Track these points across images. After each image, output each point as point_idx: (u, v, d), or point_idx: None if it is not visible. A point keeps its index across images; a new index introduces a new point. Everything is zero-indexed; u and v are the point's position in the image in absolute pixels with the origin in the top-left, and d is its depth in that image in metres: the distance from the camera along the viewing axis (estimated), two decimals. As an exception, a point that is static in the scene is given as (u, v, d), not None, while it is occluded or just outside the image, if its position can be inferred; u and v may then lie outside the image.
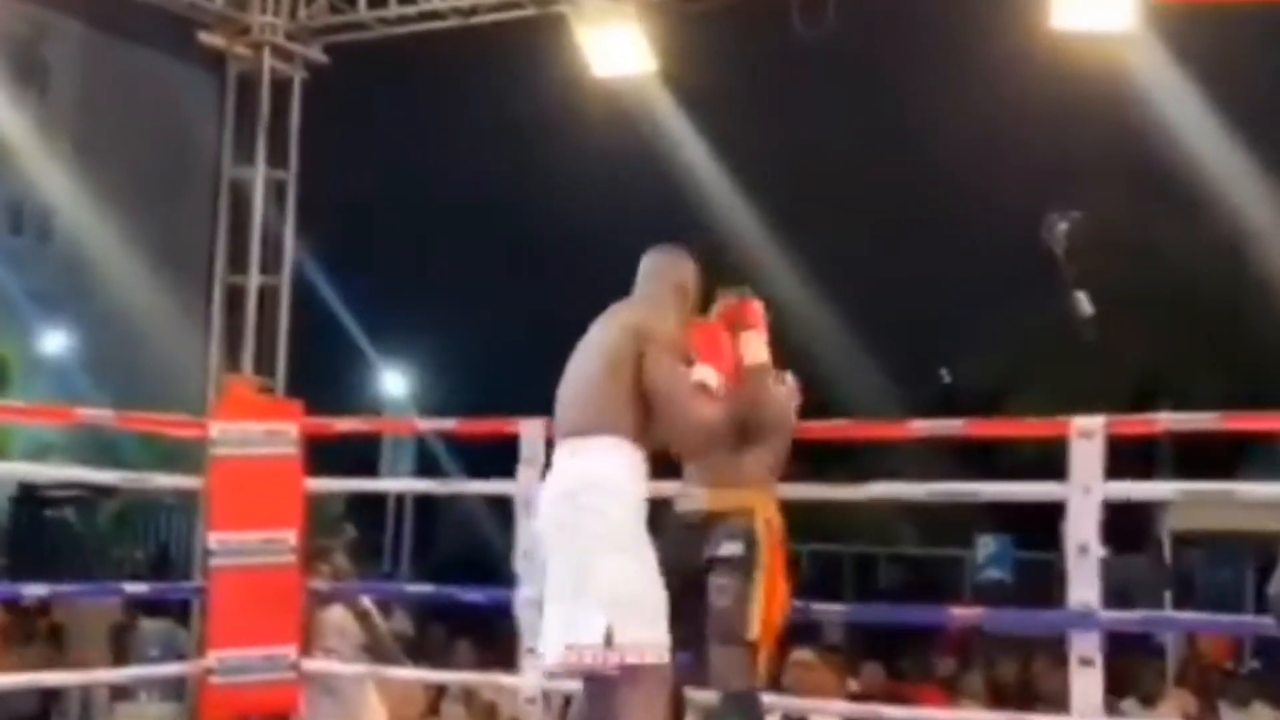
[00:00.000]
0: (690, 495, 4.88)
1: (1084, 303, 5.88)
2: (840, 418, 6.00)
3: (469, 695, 7.68)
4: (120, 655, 8.44)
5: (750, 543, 4.71)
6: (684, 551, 4.69)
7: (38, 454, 14.56)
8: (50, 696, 7.94)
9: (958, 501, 5.45)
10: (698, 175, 13.54)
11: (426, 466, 18.85)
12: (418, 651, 8.70)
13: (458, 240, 21.84)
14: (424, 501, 20.12)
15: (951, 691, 8.15)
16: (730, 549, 4.72)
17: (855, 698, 6.85)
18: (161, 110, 15.81)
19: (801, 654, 6.85)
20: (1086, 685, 4.92)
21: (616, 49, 7.98)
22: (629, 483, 4.27)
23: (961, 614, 6.21)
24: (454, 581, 7.70)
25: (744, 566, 4.70)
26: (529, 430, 5.79)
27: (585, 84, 8.24)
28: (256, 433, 6.28)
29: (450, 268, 22.69)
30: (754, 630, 4.65)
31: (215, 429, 6.30)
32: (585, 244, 21.04)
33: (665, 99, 10.08)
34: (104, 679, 7.31)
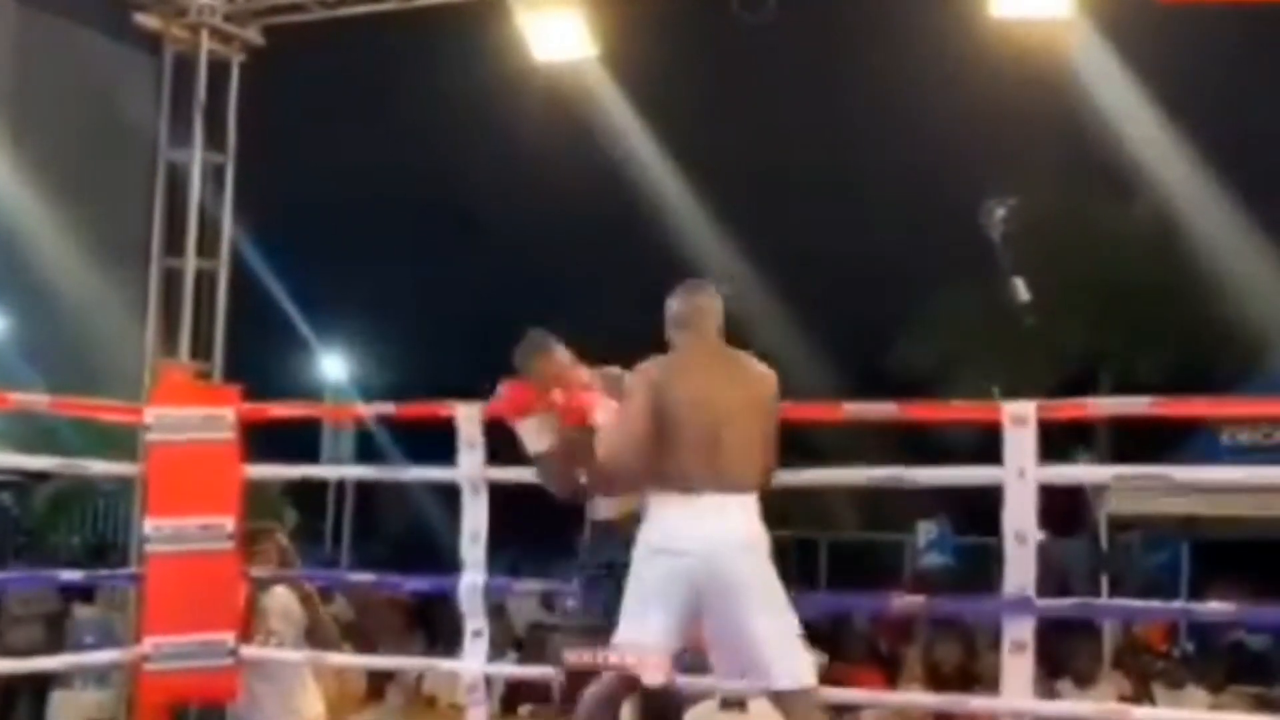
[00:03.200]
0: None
1: (1021, 288, 5.92)
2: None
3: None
4: (56, 643, 8.36)
5: None
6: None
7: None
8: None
9: (898, 487, 5.45)
10: (638, 161, 13.53)
11: (367, 450, 18.77)
12: (358, 636, 8.69)
13: (397, 224, 21.77)
14: (365, 485, 20.04)
15: (890, 673, 8.21)
16: None
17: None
18: (97, 91, 15.61)
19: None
20: (1018, 670, 4.98)
21: (557, 33, 7.98)
22: None
23: (901, 602, 6.24)
24: (396, 566, 7.71)
25: None
26: (465, 414, 5.78)
27: (525, 68, 8.23)
28: (193, 418, 6.23)
29: (390, 251, 22.61)
30: None
31: (151, 415, 6.25)
32: (525, 229, 21.04)
33: (606, 83, 10.07)
34: (39, 667, 7.23)
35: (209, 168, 8.08)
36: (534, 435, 5.07)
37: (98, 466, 7.13)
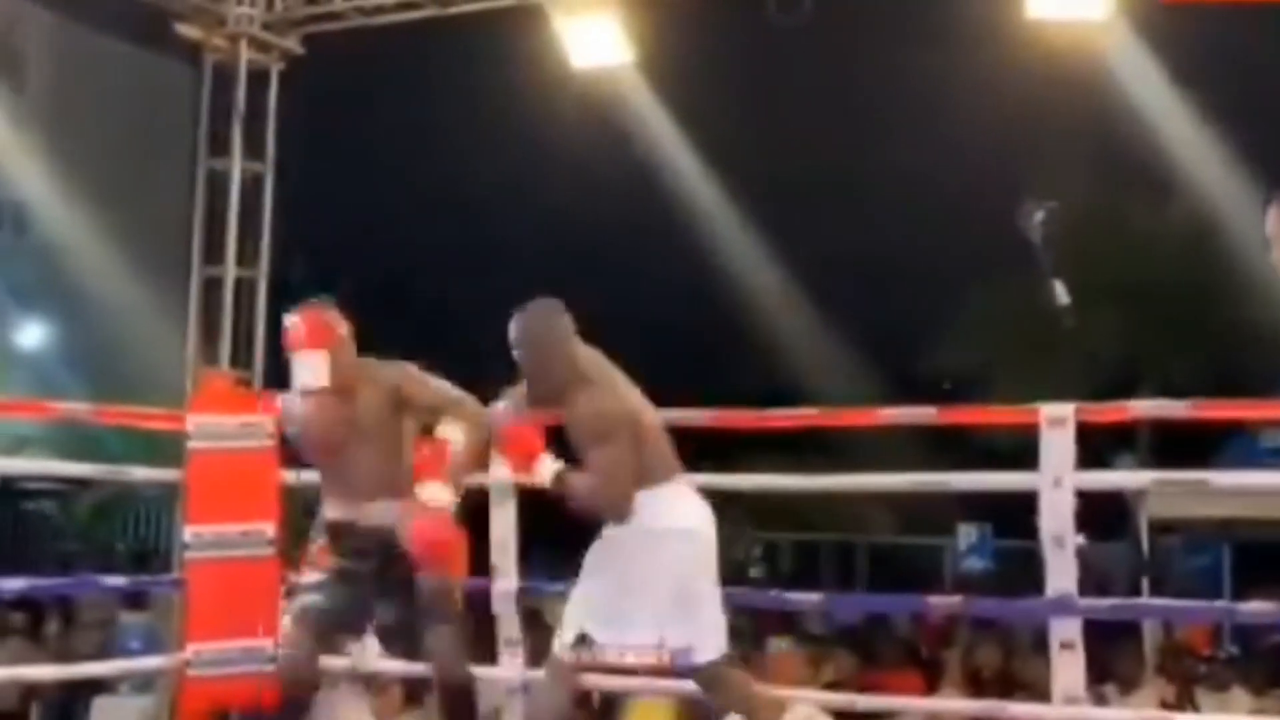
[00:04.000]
0: None
1: (1061, 291, 5.90)
2: (813, 406, 6.02)
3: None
4: (101, 649, 8.42)
5: None
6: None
7: (14, 448, 14.48)
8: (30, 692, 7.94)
9: (935, 491, 5.44)
10: (674, 166, 13.52)
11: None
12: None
13: (433, 230, 21.81)
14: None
15: (930, 678, 8.18)
16: None
17: (830, 686, 6.88)
18: (137, 102, 15.74)
19: (777, 643, 6.89)
20: (1068, 670, 4.96)
21: (594, 39, 7.99)
22: None
23: (939, 603, 6.23)
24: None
25: None
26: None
27: (562, 75, 8.24)
28: (232, 426, 6.26)
29: (426, 258, 22.65)
30: None
31: (191, 422, 6.29)
32: (561, 235, 21.06)
33: (642, 89, 10.08)
34: (84, 673, 7.27)
35: (248, 176, 8.13)
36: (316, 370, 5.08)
37: (140, 473, 7.16)
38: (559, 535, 6.25)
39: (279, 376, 7.90)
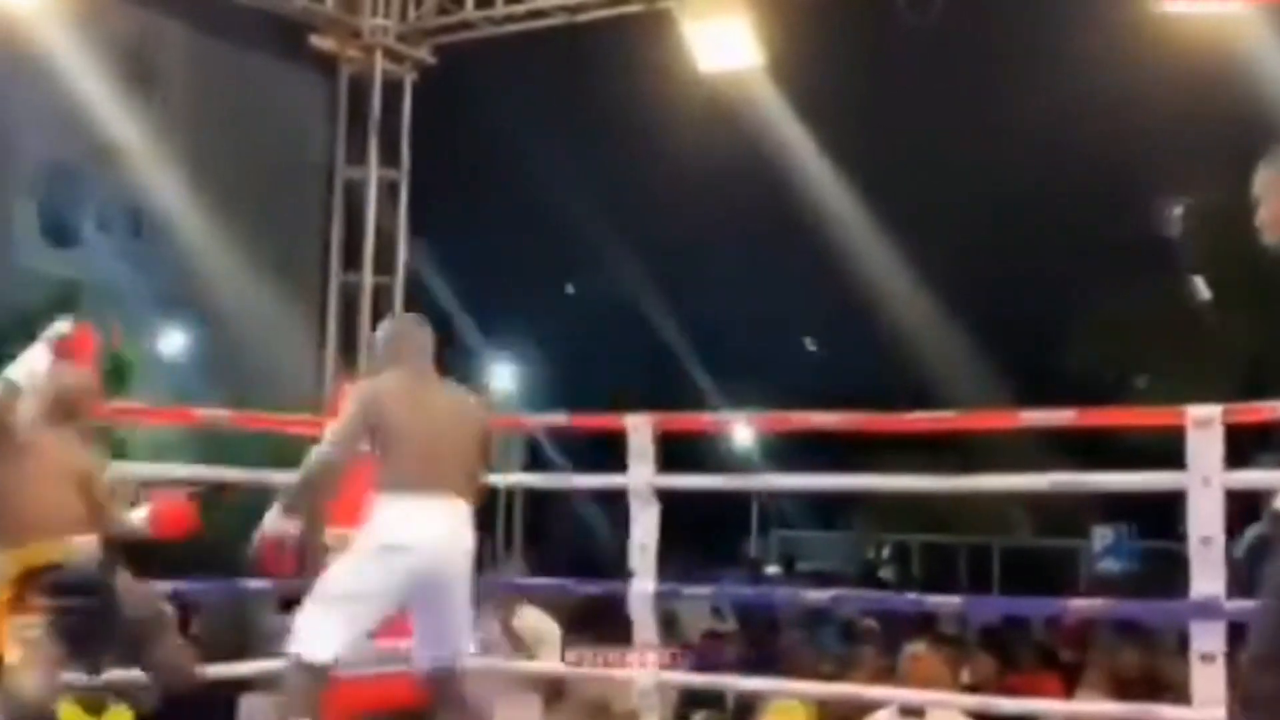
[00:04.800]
0: None
1: (1201, 287, 5.79)
2: (943, 405, 5.98)
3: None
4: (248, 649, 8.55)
5: None
6: None
7: (156, 454, 14.76)
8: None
9: (1078, 491, 5.35)
10: (805, 171, 13.46)
11: (535, 460, 18.95)
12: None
13: (563, 237, 21.92)
14: (534, 494, 20.22)
15: (1069, 681, 8.07)
16: None
17: (969, 689, 6.81)
18: (272, 113, 15.99)
19: (914, 646, 6.83)
20: (1208, 678, 4.86)
21: (723, 43, 7.98)
22: None
23: (1078, 605, 6.14)
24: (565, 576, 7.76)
25: None
26: (636, 425, 5.85)
27: (691, 79, 8.26)
28: (371, 431, 6.35)
29: (556, 264, 22.81)
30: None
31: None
32: (689, 242, 21.06)
33: (771, 93, 10.07)
34: (231, 673, 7.38)
35: (384, 184, 8.25)
36: None
37: (280, 478, 7.27)
38: (689, 539, 6.28)
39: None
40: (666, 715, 6.43)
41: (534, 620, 6.54)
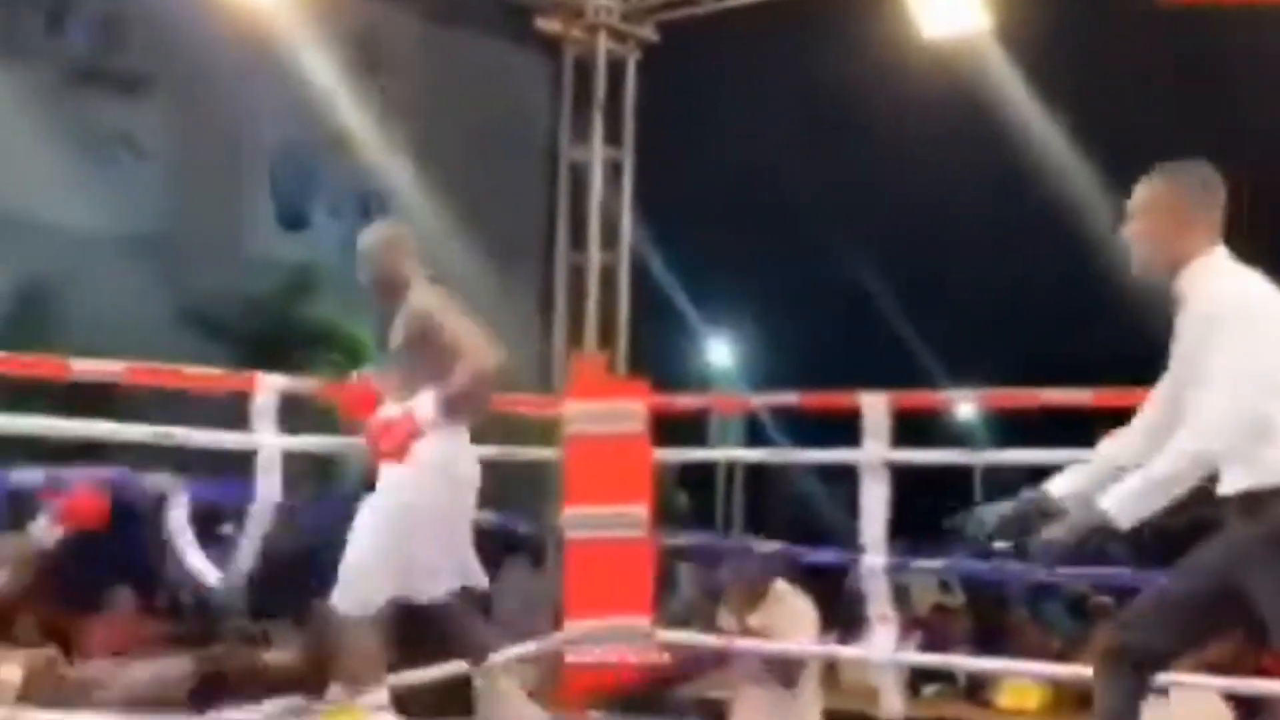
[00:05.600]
0: None
1: None
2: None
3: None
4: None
5: None
6: None
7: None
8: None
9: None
10: (1033, 140, 13.13)
11: (755, 437, 18.94)
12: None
13: (784, 213, 21.83)
14: (754, 470, 20.21)
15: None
16: None
17: (1212, 668, 6.61)
18: (496, 96, 16.24)
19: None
20: None
21: (947, 7, 7.82)
22: None
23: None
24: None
25: None
26: (871, 403, 5.82)
27: (914, 48, 8.13)
28: (606, 410, 6.44)
29: (775, 240, 22.70)
30: None
31: (569, 407, 6.48)
32: (912, 213, 20.80)
33: (999, 59, 9.84)
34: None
35: (608, 164, 8.29)
36: None
37: (523, 453, 7.36)
38: (916, 512, 6.22)
39: (634, 358, 8.09)
40: (900, 689, 6.39)
41: (790, 599, 6.52)
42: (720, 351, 23.53)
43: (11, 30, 17.09)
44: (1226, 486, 3.57)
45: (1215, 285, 3.64)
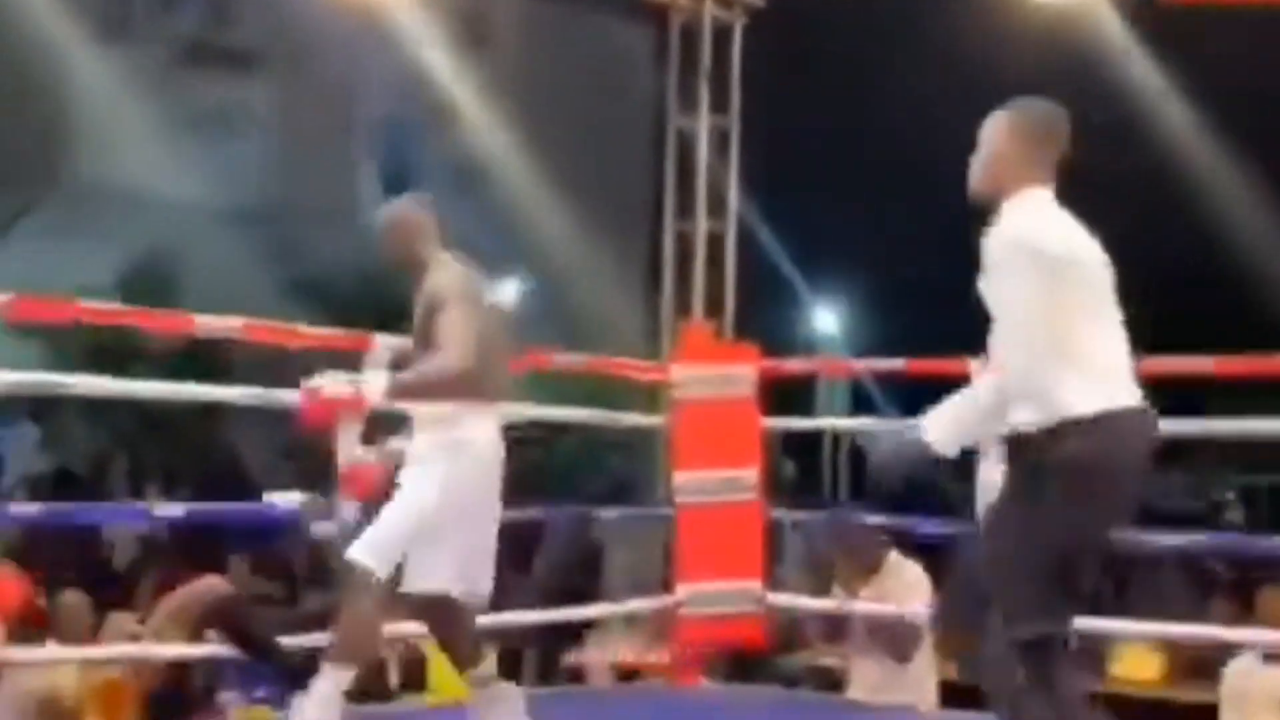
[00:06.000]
0: None
1: None
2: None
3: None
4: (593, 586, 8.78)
5: None
6: None
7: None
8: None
9: None
10: (1150, 103, 12.86)
11: (860, 404, 18.87)
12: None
13: (888, 177, 21.70)
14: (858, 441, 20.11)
15: None
16: None
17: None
18: (600, 67, 16.32)
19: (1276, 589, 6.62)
20: None
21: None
22: None
23: None
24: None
25: None
26: (979, 369, 5.78)
27: (1024, 11, 8.06)
28: (715, 375, 6.48)
29: (883, 204, 22.57)
30: None
31: (677, 372, 6.53)
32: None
33: (1113, 20, 9.68)
34: (579, 615, 7.55)
35: (715, 132, 8.29)
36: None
37: (628, 419, 7.43)
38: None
39: (749, 328, 8.10)
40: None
41: (904, 571, 6.48)
42: (826, 320, 23.45)
43: (125, 13, 17.46)
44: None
45: (1013, 220, 3.81)
